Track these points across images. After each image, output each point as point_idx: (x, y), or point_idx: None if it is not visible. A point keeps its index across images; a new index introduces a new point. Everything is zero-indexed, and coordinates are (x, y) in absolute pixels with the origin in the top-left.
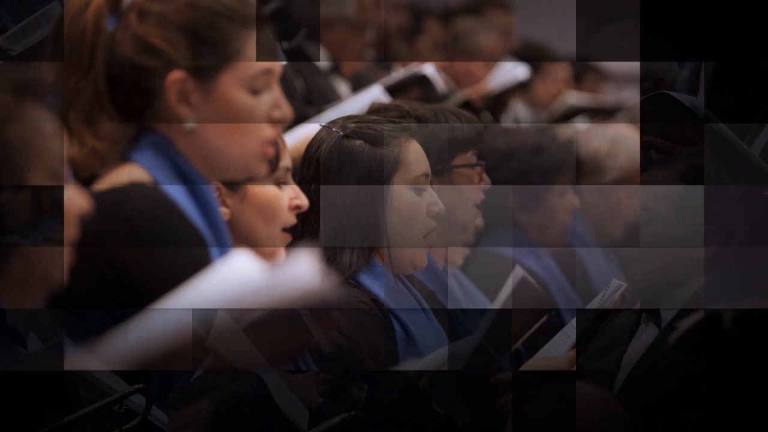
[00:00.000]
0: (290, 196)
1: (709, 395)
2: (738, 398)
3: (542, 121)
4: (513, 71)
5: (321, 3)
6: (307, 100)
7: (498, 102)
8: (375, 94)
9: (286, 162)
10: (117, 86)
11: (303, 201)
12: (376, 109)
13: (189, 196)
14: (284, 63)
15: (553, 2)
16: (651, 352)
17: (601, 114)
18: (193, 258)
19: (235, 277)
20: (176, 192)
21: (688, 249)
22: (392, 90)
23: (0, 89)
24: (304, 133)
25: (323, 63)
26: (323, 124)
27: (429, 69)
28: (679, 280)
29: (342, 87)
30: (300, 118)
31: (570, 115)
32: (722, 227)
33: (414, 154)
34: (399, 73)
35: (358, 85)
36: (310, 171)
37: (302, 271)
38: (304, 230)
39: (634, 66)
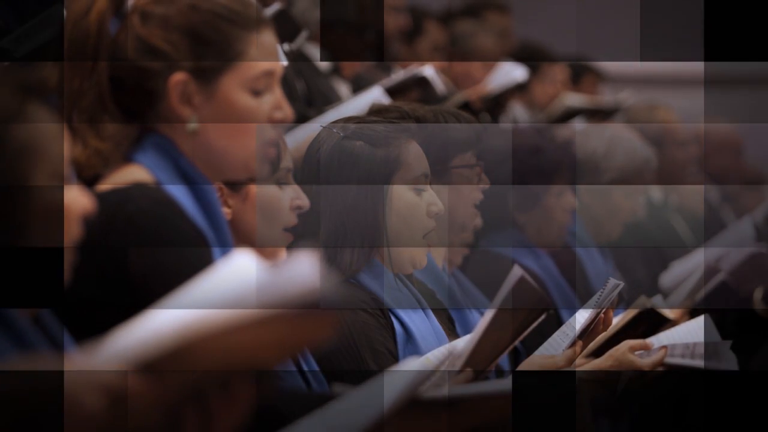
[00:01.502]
0: (291, 197)
1: (709, 395)
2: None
3: (540, 122)
4: (511, 73)
5: (321, 5)
6: (308, 102)
7: (497, 103)
8: (375, 95)
9: (287, 162)
10: (120, 88)
11: (304, 201)
12: (376, 110)
13: (191, 197)
14: (285, 64)
15: (552, 3)
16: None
17: (599, 115)
18: (195, 258)
19: (236, 277)
20: (178, 192)
21: None
22: (392, 91)
23: (4, 90)
24: (305, 134)
25: (324, 64)
26: (324, 125)
27: (428, 71)
28: None
29: (342, 88)
30: (301, 119)
31: (568, 116)
32: None
33: (414, 154)
34: (399, 74)
35: (359, 86)
36: (311, 171)
37: (303, 270)
38: (305, 230)
39: (631, 67)
